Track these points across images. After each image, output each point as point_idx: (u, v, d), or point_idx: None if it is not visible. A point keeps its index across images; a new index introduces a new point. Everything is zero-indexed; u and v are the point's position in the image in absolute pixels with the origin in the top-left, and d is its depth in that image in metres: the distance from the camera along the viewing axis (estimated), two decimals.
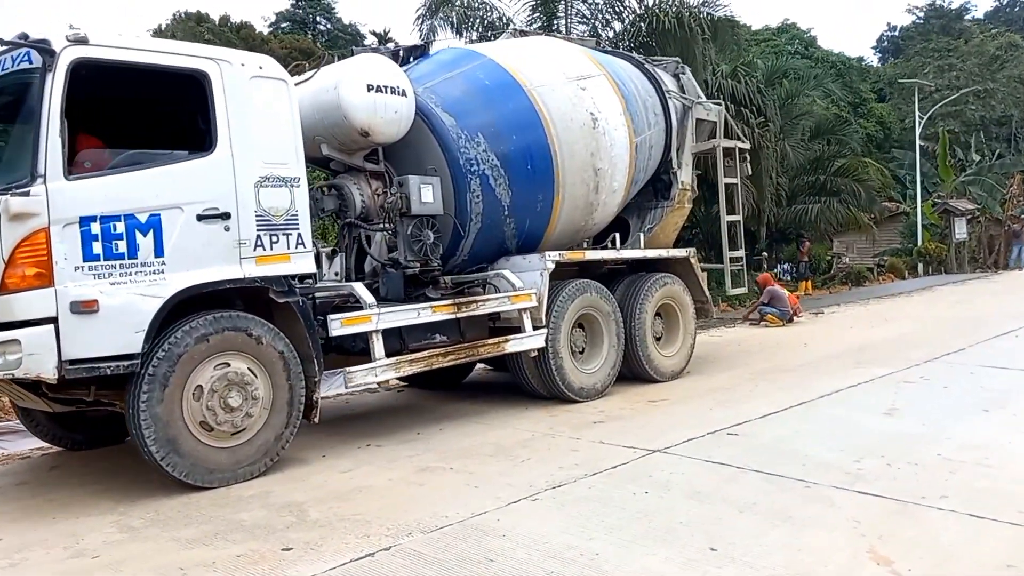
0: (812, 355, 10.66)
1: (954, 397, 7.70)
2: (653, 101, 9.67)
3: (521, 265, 7.92)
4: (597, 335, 8.35)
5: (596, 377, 8.19)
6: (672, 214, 9.99)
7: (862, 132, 47.19)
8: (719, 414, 7.25)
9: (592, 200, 8.60)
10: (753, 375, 9.29)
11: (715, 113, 10.71)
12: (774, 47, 50.27)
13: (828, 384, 8.42)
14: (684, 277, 9.64)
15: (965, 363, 9.49)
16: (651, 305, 8.89)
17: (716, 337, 13.39)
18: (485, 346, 7.18)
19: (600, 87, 8.74)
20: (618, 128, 8.75)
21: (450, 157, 7.47)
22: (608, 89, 8.83)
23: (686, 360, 9.38)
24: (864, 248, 40.69)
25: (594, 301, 8.18)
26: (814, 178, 25.87)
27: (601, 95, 8.67)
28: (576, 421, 7.23)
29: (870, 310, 17.14)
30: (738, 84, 20.41)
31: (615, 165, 8.74)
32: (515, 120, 7.94)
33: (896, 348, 10.94)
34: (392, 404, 8.76)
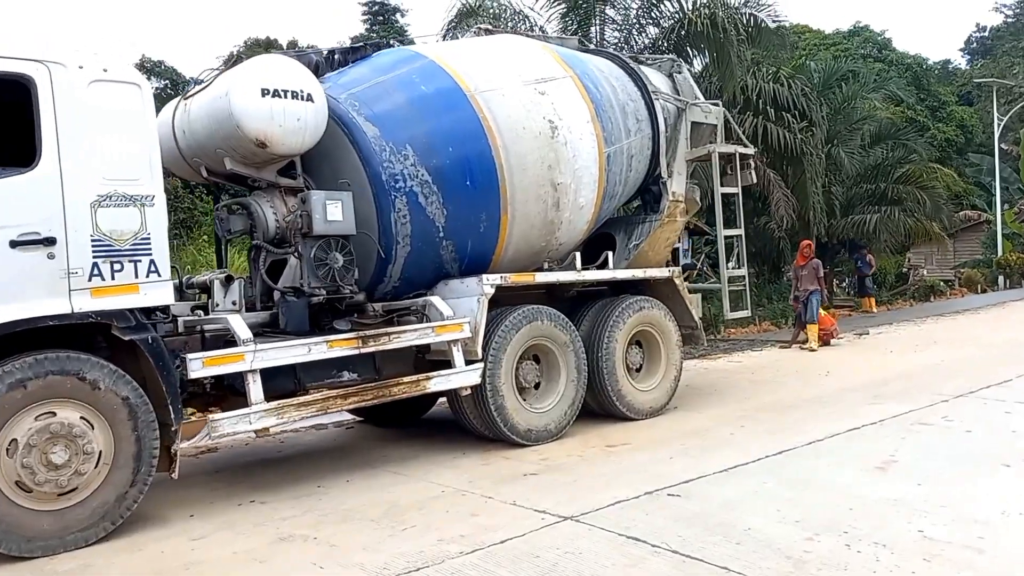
0: (826, 388, 9.35)
1: (973, 446, 6.40)
2: (636, 106, 8.60)
3: (458, 290, 6.97)
4: (553, 368, 7.33)
5: (549, 417, 7.16)
6: (662, 229, 8.86)
7: (940, 137, 44.70)
8: (676, 466, 6.14)
9: (552, 218, 7.60)
10: (744, 413, 8.09)
11: (715, 115, 9.56)
12: (844, 50, 48.03)
13: (826, 427, 7.19)
14: (668, 300, 8.52)
15: (1005, 399, 8.08)
16: (623, 333, 7.80)
17: (735, 363, 12.12)
18: (400, 385, 6.23)
19: (564, 91, 7.71)
20: (584, 137, 7.72)
21: (371, 172, 6.59)
22: (574, 93, 7.80)
23: (668, 395, 8.24)
24: (944, 259, 38.29)
25: (547, 330, 7.16)
26: (873, 186, 24.07)
27: (564, 100, 7.65)
28: (506, 472, 6.23)
29: (923, 330, 15.53)
30: (781, 87, 18.99)
31: (580, 179, 7.71)
32: (453, 130, 6.99)
33: (930, 378, 9.55)
34: (326, 445, 7.89)
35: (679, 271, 8.53)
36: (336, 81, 7.05)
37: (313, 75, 6.49)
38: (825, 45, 48.44)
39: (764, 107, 18.23)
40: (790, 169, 18.46)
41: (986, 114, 46.78)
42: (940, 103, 48.44)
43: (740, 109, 18.51)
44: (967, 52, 66.24)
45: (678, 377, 8.37)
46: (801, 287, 13.22)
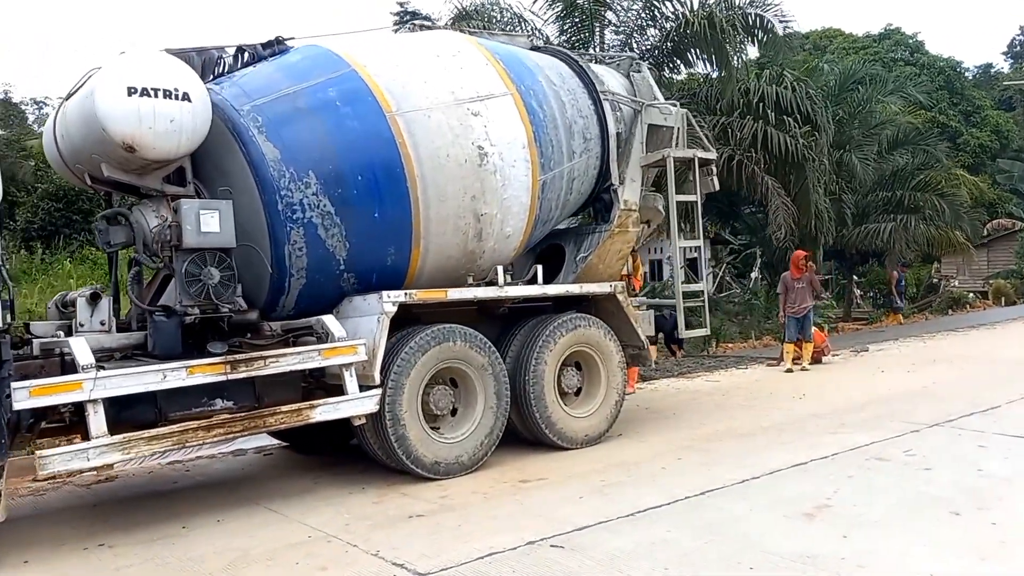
0: (793, 413, 8.59)
1: (927, 487, 5.64)
2: (586, 123, 7.90)
3: (361, 308, 6.38)
4: (470, 394, 6.70)
5: (462, 448, 6.52)
6: (612, 240, 8.18)
7: (974, 143, 43.22)
8: (583, 507, 5.48)
9: (473, 249, 6.99)
10: (690, 442, 7.38)
11: (675, 117, 8.84)
12: (874, 54, 46.75)
13: (770, 461, 6.48)
14: (613, 318, 7.85)
15: (984, 430, 7.28)
16: (553, 354, 7.15)
17: (712, 383, 11.37)
18: (277, 415, 5.64)
19: (501, 111, 7.04)
20: (516, 164, 7.07)
21: (266, 200, 6.02)
22: (512, 114, 7.12)
23: (608, 421, 7.55)
24: (978, 269, 36.92)
25: (460, 352, 6.53)
26: (890, 194, 23.03)
27: (500, 122, 6.99)
28: (394, 513, 5.61)
29: (928, 347, 14.60)
30: (784, 91, 18.13)
31: (507, 209, 7.09)
32: (365, 156, 6.35)
33: (910, 403, 8.74)
34: (230, 475, 7.33)
35: (622, 286, 7.83)
36: (241, 85, 6.43)
37: (194, 72, 5.94)
38: (855, 48, 47.20)
39: (764, 111, 17.40)
40: (793, 176, 17.57)
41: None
42: (975, 107, 46.83)
43: (740, 113, 17.75)
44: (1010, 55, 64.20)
45: (620, 402, 7.67)
46: (797, 303, 12.21)
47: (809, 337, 12.06)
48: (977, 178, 41.10)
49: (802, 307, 12.03)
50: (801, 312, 12.01)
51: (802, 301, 12.07)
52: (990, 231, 39.00)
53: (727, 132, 17.62)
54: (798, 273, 12.34)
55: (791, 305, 12.14)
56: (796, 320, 12.05)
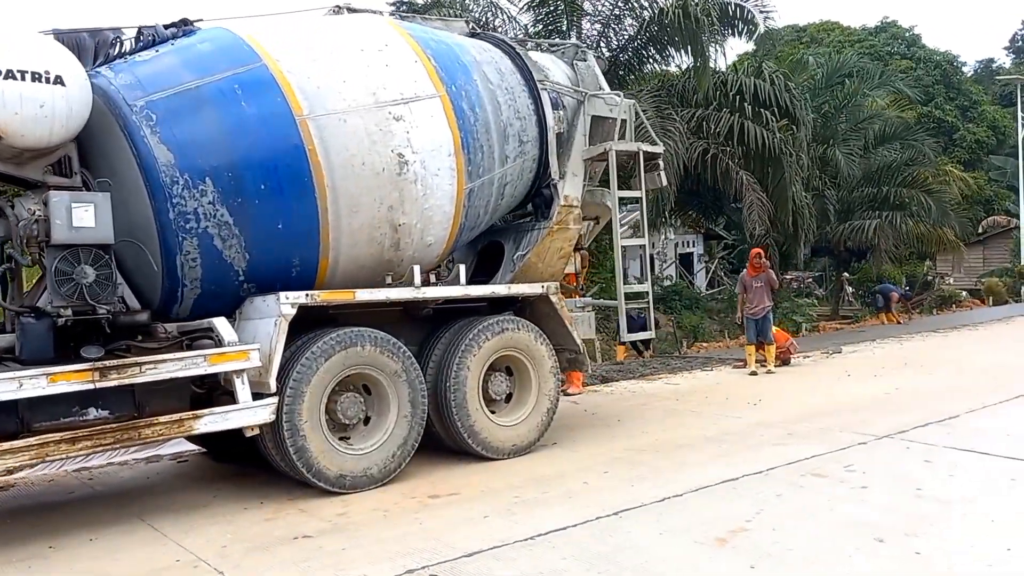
0: (741, 422, 8.16)
1: (857, 509, 5.21)
2: (524, 124, 7.44)
3: (261, 310, 5.95)
4: (383, 402, 6.27)
5: (371, 460, 6.10)
6: (552, 238, 7.75)
7: (970, 138, 42.71)
8: (483, 529, 5.07)
9: (390, 258, 6.58)
10: (622, 453, 6.96)
11: (622, 108, 8.39)
12: (870, 47, 46.24)
13: (701, 475, 6.07)
14: (547, 320, 7.43)
15: (935, 443, 6.85)
16: (477, 359, 6.72)
17: (671, 386, 10.96)
18: (155, 426, 5.21)
19: (427, 115, 6.56)
20: (441, 172, 6.63)
21: (157, 208, 5.59)
22: (439, 118, 6.64)
23: (538, 430, 7.13)
24: (973, 267, 36.53)
25: (370, 357, 6.10)
26: (876, 190, 22.56)
27: (425, 127, 6.52)
28: (281, 532, 5.20)
29: (904, 349, 14.17)
30: (763, 83, 17.64)
31: (429, 219, 6.67)
32: (269, 164, 5.88)
33: (865, 412, 8.32)
34: (132, 485, 6.90)
35: (555, 287, 7.40)
36: (137, 74, 5.86)
37: (70, 54, 5.49)
38: (851, 42, 46.68)
39: (742, 104, 16.91)
40: (771, 170, 17.09)
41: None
42: (972, 103, 46.24)
43: (717, 106, 17.27)
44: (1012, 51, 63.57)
45: (552, 409, 7.25)
46: (755, 303, 11.72)
47: (769, 339, 11.60)
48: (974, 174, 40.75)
49: (759, 307, 11.54)
50: (759, 313, 11.53)
51: (759, 301, 11.58)
52: (985, 228, 38.56)
53: (703, 125, 17.17)
54: (754, 272, 11.81)
55: (749, 306, 11.67)
56: (754, 321, 11.58)
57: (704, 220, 25.79)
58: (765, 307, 11.54)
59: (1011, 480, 5.70)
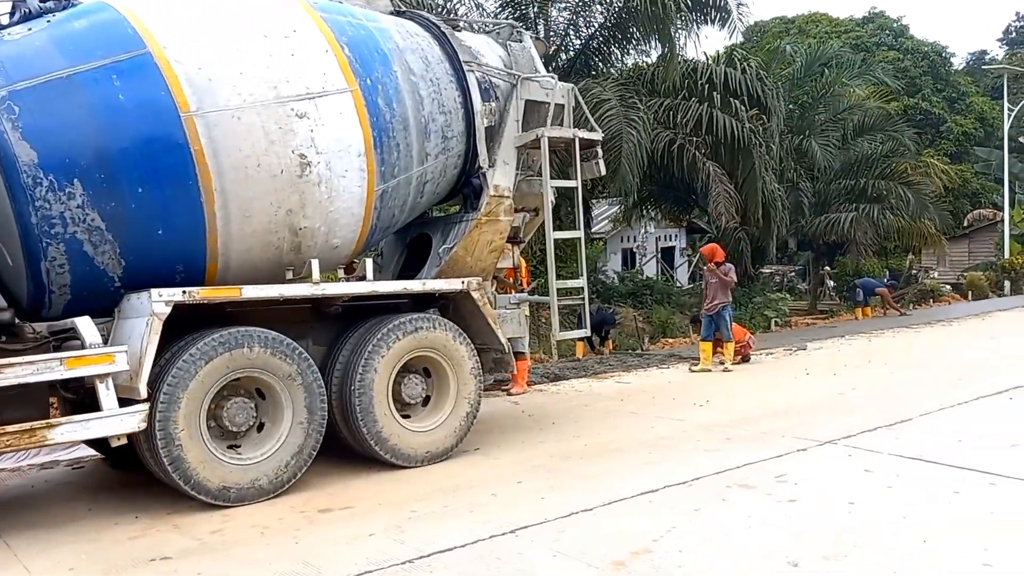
0: (682, 424, 7.70)
1: (777, 528, 4.75)
2: (447, 119, 6.92)
3: (136, 308, 5.44)
4: (277, 408, 5.77)
5: (261, 470, 5.60)
6: (480, 229, 7.25)
7: (957, 130, 42.32)
8: (366, 548, 4.59)
9: (290, 260, 6.08)
10: (546, 460, 6.49)
11: (558, 93, 7.87)
12: (856, 38, 45.82)
13: (621, 486, 5.61)
14: (470, 318, 6.95)
15: (879, 450, 6.39)
16: (386, 360, 6.23)
17: (623, 384, 10.50)
18: (2, 437, 4.72)
19: (335, 112, 6.02)
20: (349, 174, 6.11)
21: (18, 210, 5.06)
22: (349, 115, 6.10)
23: (456, 435, 6.64)
24: (958, 261, 36.21)
25: (260, 359, 5.59)
26: (853, 182, 22.10)
27: (332, 125, 5.98)
28: (139, 554, 4.70)
29: (872, 345, 13.75)
30: (733, 71, 17.17)
31: (335, 222, 6.18)
32: (148, 165, 5.34)
33: (814, 414, 7.88)
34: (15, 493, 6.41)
35: (477, 283, 6.90)
36: (1, 57, 5.30)
37: None
38: (837, 32, 46.24)
39: (711, 93, 16.43)
40: (741, 161, 16.60)
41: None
42: (960, 94, 45.82)
43: (686, 95, 16.79)
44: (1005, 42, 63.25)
45: (472, 413, 6.76)
46: (709, 299, 11.29)
47: (726, 336, 11.15)
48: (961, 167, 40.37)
49: (713, 304, 11.11)
50: (713, 310, 11.09)
51: (713, 297, 11.16)
52: (971, 222, 38.21)
53: (673, 115, 16.68)
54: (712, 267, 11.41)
55: (706, 302, 11.24)
56: (709, 318, 11.15)
57: (679, 212, 25.28)
58: (719, 303, 11.08)
59: (953, 493, 5.24)
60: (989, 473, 5.57)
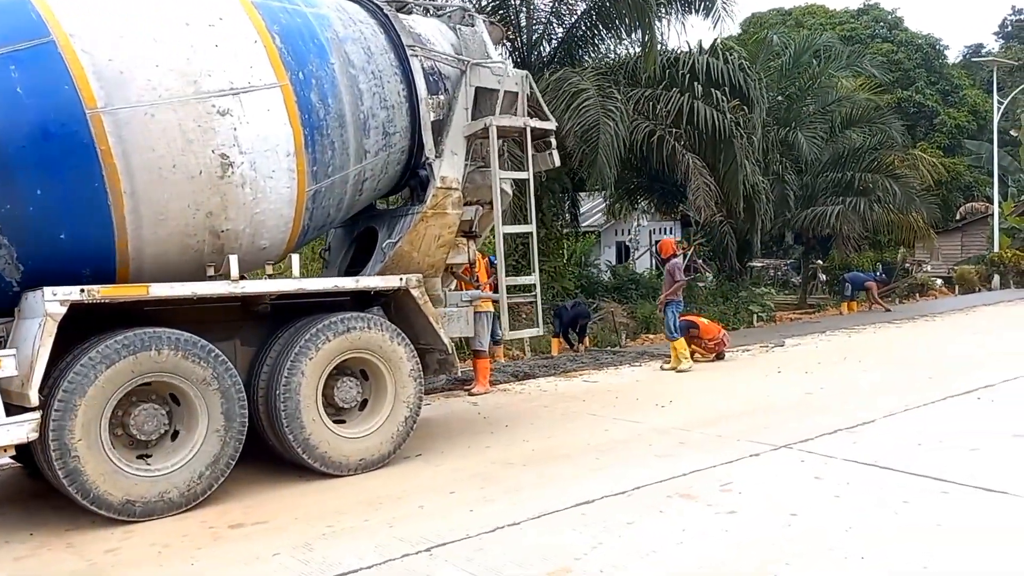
0: (638, 427, 7.37)
1: (707, 543, 4.42)
2: (389, 115, 6.57)
3: (33, 307, 5.09)
4: (192, 415, 5.43)
5: (172, 482, 5.25)
6: (426, 223, 6.89)
7: (951, 123, 41.97)
8: (264, 570, 4.27)
9: (213, 262, 5.73)
10: (487, 468, 6.16)
11: (511, 80, 7.51)
12: (851, 29, 45.50)
13: (558, 495, 5.30)
14: (414, 317, 6.62)
15: (834, 455, 6.06)
16: (314, 363, 5.88)
17: (589, 383, 10.17)
18: None
19: (263, 108, 5.64)
20: (276, 174, 5.74)
21: None
22: (277, 112, 5.71)
23: (394, 441, 6.29)
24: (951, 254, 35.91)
25: (170, 363, 5.24)
26: (840, 175, 21.75)
27: (258, 123, 5.61)
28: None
29: (852, 341, 13.47)
30: (716, 60, 16.77)
31: (261, 223, 5.84)
32: (49, 166, 4.97)
33: (776, 416, 7.57)
34: None
35: (417, 280, 6.55)
36: None
37: None
38: (832, 24, 45.93)
39: (692, 83, 16.03)
40: (723, 153, 16.21)
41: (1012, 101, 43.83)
42: (953, 87, 45.46)
43: (666, 85, 16.39)
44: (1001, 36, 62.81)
45: (412, 418, 6.41)
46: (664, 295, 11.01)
47: (670, 336, 10.81)
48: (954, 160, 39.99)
49: (662, 300, 10.84)
50: (660, 307, 10.79)
51: (664, 293, 10.94)
52: (964, 215, 37.87)
53: (653, 106, 16.30)
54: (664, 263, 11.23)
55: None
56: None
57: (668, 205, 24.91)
58: (667, 300, 10.80)
59: (903, 502, 4.91)
60: (943, 480, 5.25)
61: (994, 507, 4.77)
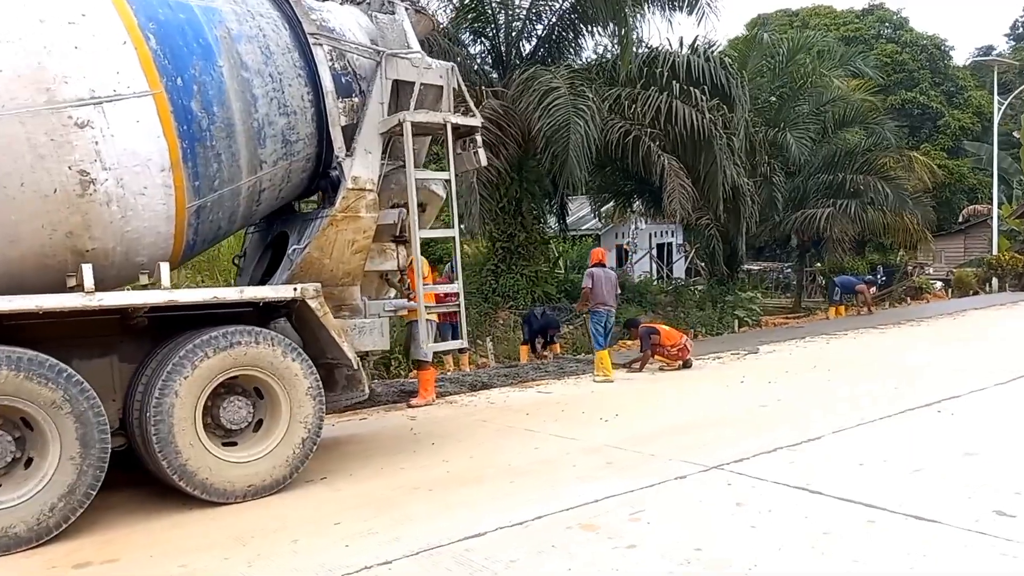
0: (571, 444, 6.83)
1: None
2: (291, 121, 6.08)
3: None
4: (44, 442, 4.92)
5: (16, 515, 4.68)
6: (336, 228, 6.39)
7: (955, 124, 41.21)
8: None
9: (78, 282, 5.21)
10: (391, 492, 5.64)
11: (436, 73, 7.00)
12: (855, 30, 44.93)
13: (453, 527, 4.78)
14: (313, 330, 6.12)
15: (765, 476, 5.52)
16: (191, 382, 5.37)
17: (543, 394, 9.65)
18: None
19: (131, 119, 5.14)
20: (149, 191, 5.26)
21: None
22: (149, 124, 5.21)
23: (289, 465, 5.76)
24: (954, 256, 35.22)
25: (11, 385, 4.64)
26: (832, 176, 21.12)
27: (125, 136, 5.11)
28: None
29: (829, 348, 12.90)
30: (696, 58, 16.18)
31: (135, 241, 5.39)
32: None
33: (722, 430, 7.05)
34: None
35: (315, 289, 6.02)
36: None
37: None
38: (836, 25, 45.39)
39: (669, 81, 15.46)
40: (703, 154, 15.61)
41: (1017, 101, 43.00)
42: (958, 88, 44.73)
43: (644, 84, 15.84)
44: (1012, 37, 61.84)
45: (311, 439, 5.88)
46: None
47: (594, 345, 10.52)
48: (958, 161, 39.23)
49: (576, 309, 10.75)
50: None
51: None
52: (967, 217, 37.12)
53: (630, 105, 15.73)
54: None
55: None
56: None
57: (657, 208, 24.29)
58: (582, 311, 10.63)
59: (823, 533, 4.37)
60: (873, 507, 4.71)
61: (918, 539, 4.21)
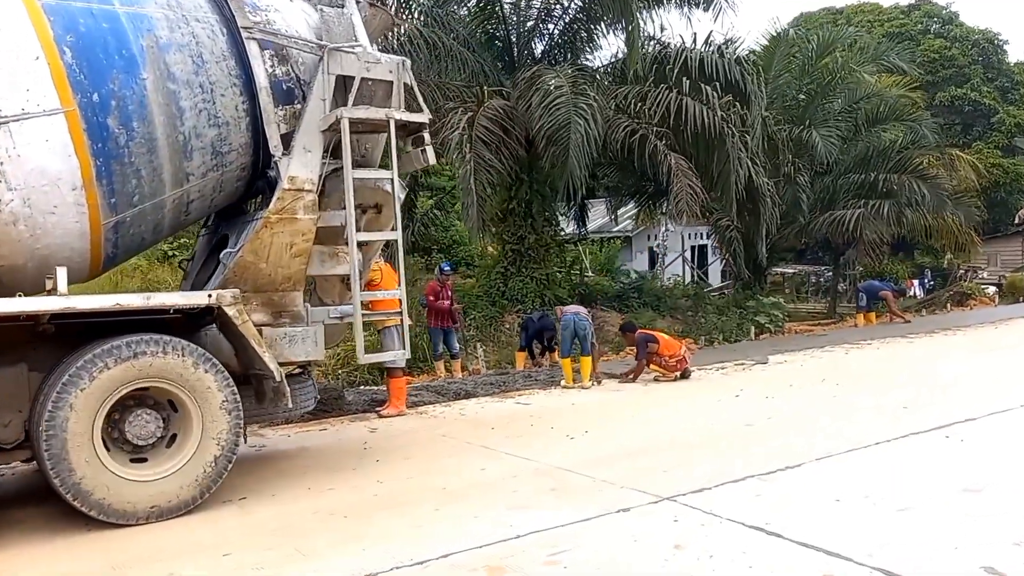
0: (525, 465, 6.27)
1: None
2: (222, 132, 5.76)
3: None
4: None
5: None
6: (272, 231, 5.94)
7: (1010, 121, 39.51)
8: None
9: None
10: (302, 519, 5.14)
11: (384, 68, 6.50)
12: (900, 26, 43.44)
13: (344, 567, 4.26)
14: (235, 340, 5.69)
15: (720, 512, 4.90)
16: (87, 395, 4.94)
17: (521, 405, 9.11)
18: None
19: (40, 138, 4.92)
20: (59, 210, 5.07)
21: None
22: (59, 142, 4.98)
23: (200, 484, 5.29)
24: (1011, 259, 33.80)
25: None
26: (863, 176, 20.11)
27: (33, 156, 4.91)
28: None
29: (845, 358, 12.12)
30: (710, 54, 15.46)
31: (47, 258, 5.19)
32: None
33: (694, 452, 6.46)
34: None
35: (232, 296, 5.55)
36: None
37: None
38: (880, 22, 43.97)
39: (679, 78, 14.77)
40: (717, 153, 14.89)
41: None
42: (1013, 83, 42.92)
43: (654, 82, 15.18)
44: None
45: (226, 456, 5.42)
46: None
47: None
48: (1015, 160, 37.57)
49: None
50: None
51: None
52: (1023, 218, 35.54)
53: (638, 103, 15.07)
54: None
55: None
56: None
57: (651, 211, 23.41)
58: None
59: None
60: (836, 556, 4.08)
61: None
